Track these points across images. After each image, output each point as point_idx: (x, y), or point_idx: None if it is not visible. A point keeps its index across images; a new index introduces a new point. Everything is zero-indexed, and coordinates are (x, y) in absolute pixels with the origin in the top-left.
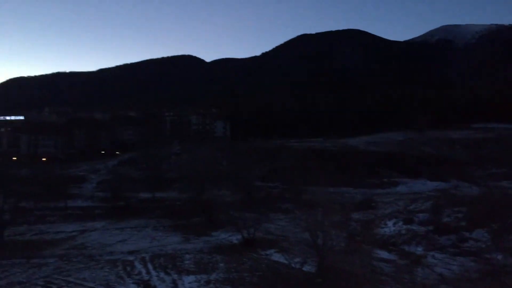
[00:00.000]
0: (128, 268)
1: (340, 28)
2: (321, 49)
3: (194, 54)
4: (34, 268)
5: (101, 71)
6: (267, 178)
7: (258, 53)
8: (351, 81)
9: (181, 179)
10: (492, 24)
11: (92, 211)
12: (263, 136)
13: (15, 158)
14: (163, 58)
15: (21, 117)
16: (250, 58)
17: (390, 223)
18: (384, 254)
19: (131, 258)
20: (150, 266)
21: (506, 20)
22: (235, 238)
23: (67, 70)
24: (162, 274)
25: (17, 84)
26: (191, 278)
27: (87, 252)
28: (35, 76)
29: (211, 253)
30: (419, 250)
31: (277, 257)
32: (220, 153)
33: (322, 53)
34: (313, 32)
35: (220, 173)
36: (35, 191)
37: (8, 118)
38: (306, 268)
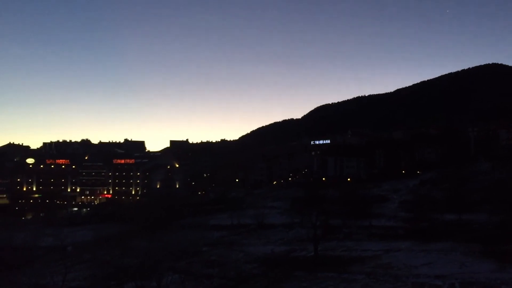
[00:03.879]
0: None
1: None
2: None
3: (500, 62)
4: (345, 283)
5: (398, 91)
6: None
7: None
8: None
9: (492, 200)
10: None
11: (395, 231)
12: None
13: (324, 179)
14: (462, 70)
15: (327, 141)
16: None
17: None
18: None
19: (439, 283)
20: None
21: None
22: None
23: (366, 94)
24: None
25: (323, 110)
26: None
27: (393, 272)
28: (338, 102)
29: None
30: None
31: None
32: None
33: None
34: None
35: None
36: (342, 210)
37: (317, 142)
38: None
